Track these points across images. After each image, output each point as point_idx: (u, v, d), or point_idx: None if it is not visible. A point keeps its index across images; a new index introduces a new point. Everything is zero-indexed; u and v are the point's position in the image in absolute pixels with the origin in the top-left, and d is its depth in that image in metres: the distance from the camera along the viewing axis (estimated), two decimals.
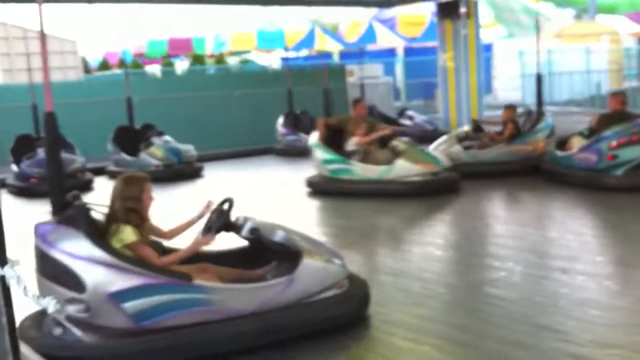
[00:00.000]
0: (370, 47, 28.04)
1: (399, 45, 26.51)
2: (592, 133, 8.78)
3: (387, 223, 7.77)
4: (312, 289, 4.32)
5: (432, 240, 6.67)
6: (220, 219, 4.52)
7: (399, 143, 9.20)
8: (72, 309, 3.85)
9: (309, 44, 26.97)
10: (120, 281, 3.87)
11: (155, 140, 12.09)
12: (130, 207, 4.14)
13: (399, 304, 4.85)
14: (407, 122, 15.68)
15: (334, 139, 9.44)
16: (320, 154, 9.43)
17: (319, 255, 4.47)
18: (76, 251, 3.89)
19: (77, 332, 3.92)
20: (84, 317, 3.89)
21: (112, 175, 11.89)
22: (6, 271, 2.84)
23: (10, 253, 2.94)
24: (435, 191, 8.77)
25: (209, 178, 11.84)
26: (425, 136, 14.94)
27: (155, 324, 3.95)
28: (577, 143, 8.97)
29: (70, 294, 3.86)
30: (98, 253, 3.89)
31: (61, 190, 5.64)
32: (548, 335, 4.10)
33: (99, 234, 4.07)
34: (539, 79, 12.23)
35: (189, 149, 12.25)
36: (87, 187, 11.02)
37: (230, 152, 14.89)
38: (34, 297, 3.07)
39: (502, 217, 7.91)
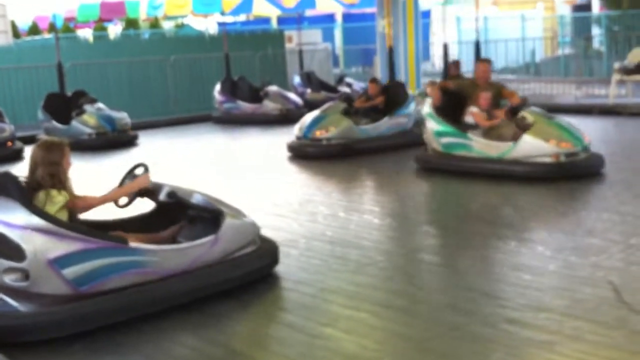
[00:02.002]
0: (309, 12, 27.81)
1: (338, 11, 26.35)
2: None
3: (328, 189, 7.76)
4: (234, 246, 4.60)
5: (369, 208, 6.67)
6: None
7: (528, 113, 7.54)
8: (9, 278, 3.80)
9: (246, 8, 26.51)
10: (59, 247, 3.87)
11: (88, 107, 11.73)
12: (53, 173, 4.10)
13: (336, 272, 4.85)
14: (345, 89, 15.63)
15: (451, 107, 8.10)
16: (433, 124, 8.05)
17: (235, 215, 4.72)
18: (13, 220, 3.84)
19: (13, 302, 3.85)
20: (22, 286, 3.82)
21: None
22: None
23: None
24: (570, 176, 7.19)
25: (144, 147, 11.59)
26: None
27: (94, 287, 3.99)
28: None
29: (8, 264, 3.80)
30: (36, 220, 3.86)
31: None
32: (483, 300, 4.16)
33: (29, 201, 3.98)
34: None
35: (123, 116, 11.94)
36: (17, 156, 10.67)
37: (167, 119, 14.60)
38: None
39: (436, 184, 7.97)
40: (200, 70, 16.14)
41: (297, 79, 16.04)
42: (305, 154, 9.51)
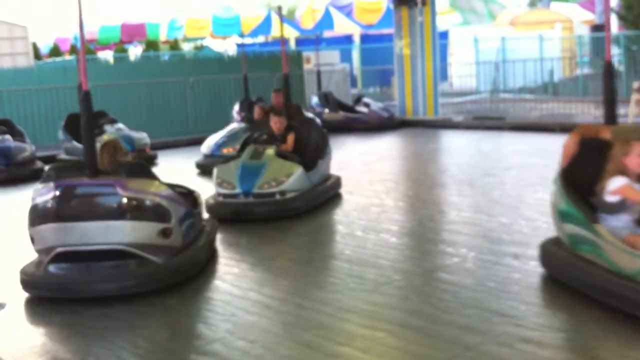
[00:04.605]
0: (327, 33, 27.98)
1: (356, 32, 26.50)
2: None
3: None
4: None
5: (387, 227, 6.67)
6: None
7: None
8: (160, 237, 4.88)
9: (265, 30, 26.84)
10: (180, 209, 5.16)
11: (108, 127, 11.87)
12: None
13: (353, 291, 4.84)
14: (363, 109, 15.69)
15: (591, 169, 4.60)
16: (558, 198, 4.75)
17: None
18: (161, 191, 5.09)
19: (153, 257, 4.86)
20: (167, 242, 4.94)
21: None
22: None
23: None
24: None
25: (163, 166, 11.68)
26: (382, 124, 14.99)
27: (186, 240, 5.25)
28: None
29: (162, 225, 4.91)
30: (169, 191, 5.17)
31: None
32: (500, 319, 4.13)
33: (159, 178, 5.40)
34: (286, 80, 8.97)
35: (142, 136, 12.05)
36: (37, 175, 10.75)
37: (186, 139, 14.70)
38: None
39: (456, 203, 7.95)
40: (219, 91, 16.26)
41: (315, 100, 16.12)
42: (241, 215, 6.97)
